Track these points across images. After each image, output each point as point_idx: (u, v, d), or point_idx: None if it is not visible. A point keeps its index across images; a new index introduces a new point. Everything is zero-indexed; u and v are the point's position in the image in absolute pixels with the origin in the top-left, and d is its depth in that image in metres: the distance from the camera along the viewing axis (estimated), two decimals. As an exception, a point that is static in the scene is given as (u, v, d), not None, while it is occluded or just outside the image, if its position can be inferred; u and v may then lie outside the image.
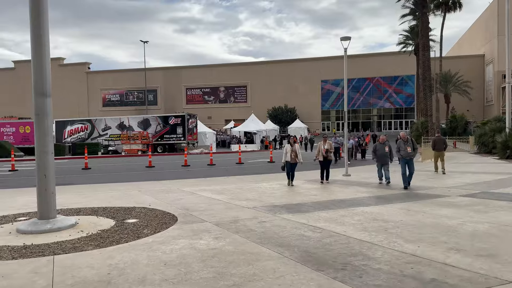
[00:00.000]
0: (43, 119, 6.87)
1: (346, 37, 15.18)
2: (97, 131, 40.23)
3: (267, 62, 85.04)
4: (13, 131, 41.43)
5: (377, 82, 78.14)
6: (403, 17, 50.51)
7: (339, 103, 79.65)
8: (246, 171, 18.45)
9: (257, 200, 9.63)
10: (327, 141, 13.16)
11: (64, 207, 8.98)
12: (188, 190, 11.58)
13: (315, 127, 77.94)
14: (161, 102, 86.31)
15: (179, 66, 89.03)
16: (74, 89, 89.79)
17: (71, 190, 12.34)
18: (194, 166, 21.27)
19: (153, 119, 39.19)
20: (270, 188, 11.80)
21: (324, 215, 7.67)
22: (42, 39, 6.79)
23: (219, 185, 12.85)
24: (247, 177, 15.25)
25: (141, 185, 13.07)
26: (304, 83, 79.65)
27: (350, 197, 9.99)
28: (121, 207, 8.81)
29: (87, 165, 20.07)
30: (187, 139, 37.81)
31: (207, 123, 62.20)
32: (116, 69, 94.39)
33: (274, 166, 20.81)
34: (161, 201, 9.57)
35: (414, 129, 46.31)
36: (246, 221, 7.20)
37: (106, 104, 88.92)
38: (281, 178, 14.04)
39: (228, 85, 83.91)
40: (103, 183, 14.07)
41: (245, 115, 67.06)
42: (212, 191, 11.21)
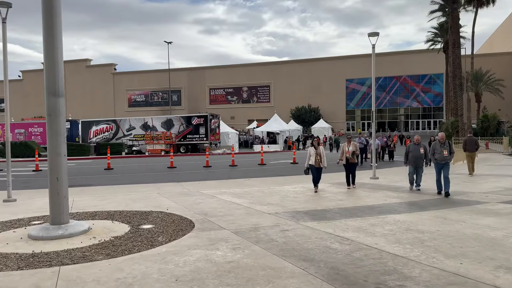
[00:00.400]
0: (56, 119, 6.58)
1: (374, 33, 14.45)
2: (122, 131, 40.60)
3: (290, 61, 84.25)
4: (41, 131, 42.29)
5: (404, 81, 76.08)
6: (432, 13, 48.74)
7: (364, 103, 78.06)
8: (268, 172, 17.96)
9: (279, 204, 9.11)
10: (352, 142, 12.18)
11: (80, 210, 8.73)
12: (208, 192, 11.18)
13: (340, 127, 76.60)
14: (185, 102, 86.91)
15: (202, 67, 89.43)
16: (101, 90, 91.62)
17: (91, 191, 12.16)
18: (216, 166, 20.94)
19: (176, 119, 39.21)
20: (293, 192, 11.25)
21: (352, 223, 7.07)
22: (54, 38, 6.50)
23: (239, 187, 12.40)
24: (269, 179, 14.75)
25: (161, 187, 12.77)
26: (328, 82, 78.41)
27: (379, 202, 9.32)
28: (137, 211, 8.47)
29: (110, 166, 20.06)
30: (209, 140, 37.61)
31: (230, 124, 62.06)
32: (141, 70, 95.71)
33: (297, 167, 20.23)
34: (179, 205, 9.19)
35: (443, 129, 44.63)
36: (267, 229, 6.69)
37: (131, 105, 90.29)
38: (304, 181, 13.46)
39: (251, 85, 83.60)
40: (123, 184, 13.88)
41: (268, 115, 66.56)
42: (233, 194, 10.76)
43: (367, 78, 77.23)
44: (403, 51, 78.05)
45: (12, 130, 43.37)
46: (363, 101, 78.49)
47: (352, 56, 80.00)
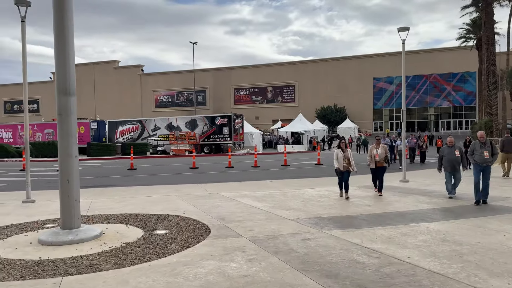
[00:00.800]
0: (66, 119, 6.31)
1: (404, 28, 13.69)
2: (147, 131, 40.94)
3: (316, 60, 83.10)
4: (70, 131, 43.22)
5: (434, 80, 73.59)
6: (464, 8, 46.74)
7: (392, 102, 76.04)
8: (291, 174, 17.41)
9: (301, 209, 8.58)
10: (381, 144, 11.01)
11: (96, 213, 8.49)
12: (228, 195, 10.77)
13: (367, 127, 74.90)
14: (210, 102, 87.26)
15: (227, 67, 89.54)
16: (128, 91, 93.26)
17: (111, 192, 11.99)
18: (238, 167, 20.56)
19: (200, 119, 39.18)
20: (317, 195, 10.69)
21: (381, 232, 6.48)
22: (65, 34, 6.24)
23: (261, 189, 11.94)
24: (292, 181, 14.21)
25: (181, 188, 12.47)
26: (355, 81, 76.80)
27: (410, 209, 8.65)
28: (154, 215, 8.15)
29: (133, 166, 20.02)
30: (233, 140, 37.35)
31: (254, 124, 61.69)
32: (168, 71, 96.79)
33: (321, 169, 19.58)
34: (197, 208, 8.82)
35: (476, 129, 42.69)
36: (287, 237, 6.20)
37: (158, 105, 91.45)
38: (329, 183, 12.86)
39: (276, 85, 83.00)
40: (144, 186, 13.68)
41: (292, 115, 65.81)
42: (253, 197, 10.30)
43: (395, 77, 75.16)
44: (433, 49, 75.66)
45: (42, 130, 44.56)
46: (391, 100, 76.44)
47: (380, 54, 78.09)
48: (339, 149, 10.41)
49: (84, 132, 42.54)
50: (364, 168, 14.81)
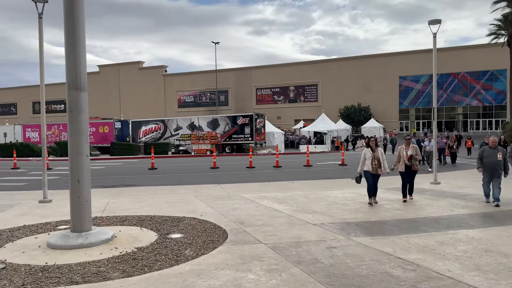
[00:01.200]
0: (77, 116, 5.99)
1: (436, 20, 12.89)
2: (169, 131, 41.01)
3: (339, 59, 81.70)
4: (93, 131, 43.83)
5: (463, 78, 71.11)
6: (495, 4, 44.74)
7: (419, 101, 74.00)
8: (314, 174, 16.81)
9: (325, 213, 8.03)
10: (411, 145, 9.83)
11: (111, 214, 8.19)
12: (247, 196, 10.31)
13: (392, 127, 73.09)
14: (232, 102, 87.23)
15: (249, 67, 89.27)
16: (152, 91, 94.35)
17: (129, 193, 11.74)
18: (259, 167, 20.09)
19: (222, 119, 38.92)
20: (342, 198, 10.09)
21: (416, 240, 5.87)
22: (75, 24, 5.91)
23: (282, 191, 11.42)
24: (315, 182, 13.63)
25: (200, 189, 12.10)
26: (380, 80, 75.10)
27: (445, 213, 7.96)
28: (170, 217, 7.77)
29: (154, 165, 19.86)
30: (254, 140, 36.91)
31: (276, 124, 61.10)
32: (191, 71, 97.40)
33: (345, 170, 18.87)
34: (215, 210, 8.40)
35: (507, 129, 40.76)
36: (310, 245, 5.68)
37: (181, 106, 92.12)
38: (354, 185, 12.18)
39: (298, 85, 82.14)
40: (163, 186, 13.39)
41: (315, 115, 64.88)
42: (274, 199, 9.81)
43: (422, 75, 73.12)
44: (461, 46, 73.10)
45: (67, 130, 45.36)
46: (417, 99, 74.37)
47: (406, 52, 76.14)
48: (368, 148, 9.30)
49: (108, 132, 43.05)
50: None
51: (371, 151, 9.20)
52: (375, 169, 9.11)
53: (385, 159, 9.28)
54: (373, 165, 9.08)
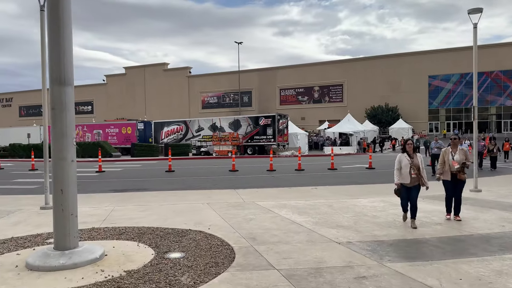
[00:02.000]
0: (60, 115, 5.15)
1: (477, 9, 11.54)
2: (191, 132, 40.52)
3: (366, 58, 79.46)
4: (117, 132, 43.92)
5: (496, 77, 67.74)
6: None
7: (450, 101, 71.08)
8: (339, 179, 15.63)
9: (352, 228, 6.93)
10: (459, 148, 7.84)
11: (111, 225, 7.37)
12: (264, 204, 9.32)
13: (421, 128, 70.46)
14: (256, 103, 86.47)
15: (273, 67, 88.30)
16: (177, 93, 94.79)
17: (138, 198, 10.97)
18: (280, 171, 19.05)
19: (244, 120, 38.06)
20: (371, 207, 8.94)
21: (465, 268, 4.72)
22: (59, 10, 5.08)
23: (303, 198, 10.36)
24: (340, 188, 12.48)
25: (214, 195, 11.19)
26: (408, 79, 72.56)
27: (495, 230, 6.71)
28: (174, 229, 6.87)
29: (171, 168, 19.15)
30: (277, 141, 35.85)
31: (300, 125, 59.80)
32: (214, 72, 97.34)
33: (373, 174, 17.57)
34: (226, 222, 7.45)
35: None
36: (334, 272, 4.62)
37: (204, 107, 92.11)
38: (384, 191, 11.01)
39: (323, 85, 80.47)
40: (176, 190, 12.58)
41: (340, 116, 63.21)
42: (293, 209, 8.77)
43: (452, 74, 70.18)
44: (495, 44, 69.69)
45: (91, 131, 45.64)
46: (448, 99, 71.41)
47: (436, 50, 73.35)
48: (403, 153, 7.26)
49: (131, 133, 43.01)
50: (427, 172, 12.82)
51: (408, 156, 7.14)
52: (414, 180, 7.08)
53: (424, 167, 7.32)
54: (411, 174, 7.04)
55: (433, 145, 17.41)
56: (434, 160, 17.04)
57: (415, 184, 7.10)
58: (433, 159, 16.95)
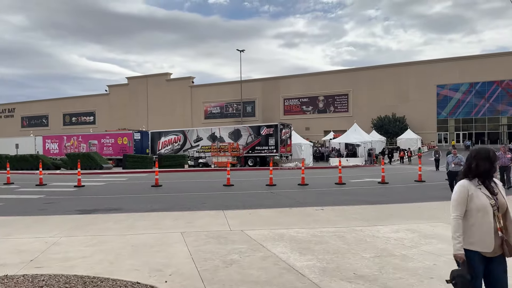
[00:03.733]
0: None
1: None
2: (189, 142, 38.46)
3: (371, 67, 77.52)
4: (112, 142, 42.00)
5: (507, 86, 65.40)
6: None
7: (459, 111, 68.78)
8: (349, 196, 13.40)
9: (376, 279, 4.72)
10: None
11: (33, 271, 5.22)
12: (255, 235, 7.14)
13: (430, 138, 68.11)
14: (259, 113, 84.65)
15: (277, 77, 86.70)
16: (179, 103, 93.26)
17: (99, 223, 8.82)
18: (281, 185, 16.86)
19: (244, 129, 35.96)
20: (397, 241, 6.72)
21: None
22: None
23: (307, 224, 8.17)
24: (351, 210, 10.26)
25: (196, 219, 9.02)
26: (416, 89, 70.45)
27: None
28: (115, 282, 4.70)
29: (158, 182, 17.00)
30: (279, 152, 33.67)
31: (304, 135, 57.67)
32: (217, 82, 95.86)
33: (388, 190, 15.32)
34: (196, 266, 5.28)
35: None
36: None
37: (207, 117, 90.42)
38: (408, 215, 8.81)
39: (328, 94, 78.51)
40: (153, 211, 10.43)
41: (346, 126, 61.08)
42: (292, 242, 6.58)
43: (461, 84, 67.97)
44: (504, 52, 67.56)
45: (86, 141, 43.75)
46: (457, 109, 69.10)
47: (443, 59, 71.28)
48: (472, 180, 3.21)
49: (127, 144, 41.06)
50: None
51: (487, 189, 3.16)
52: (498, 245, 3.09)
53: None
54: (497, 232, 3.09)
55: (451, 159, 13.18)
56: (502, 173, 14.35)
57: (500, 253, 3.13)
58: (451, 178, 12.91)
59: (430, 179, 19.28)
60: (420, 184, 17.61)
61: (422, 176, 18.62)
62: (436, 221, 8.45)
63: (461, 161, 12.50)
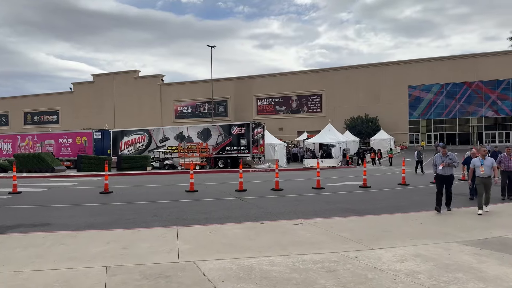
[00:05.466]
0: None
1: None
2: (155, 142, 35.79)
3: (345, 67, 76.90)
4: (70, 142, 38.74)
5: (477, 87, 66.09)
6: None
7: (430, 112, 69.00)
8: (331, 205, 11.48)
9: None
10: None
11: None
12: (212, 269, 5.03)
13: (401, 139, 67.92)
14: (231, 113, 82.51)
15: (249, 76, 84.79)
16: (148, 102, 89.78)
17: (6, 247, 6.46)
18: (253, 190, 14.80)
19: (214, 129, 33.69)
20: (413, 280, 4.78)
21: None
22: None
23: (284, 247, 6.14)
24: (338, 223, 8.30)
25: (139, 240, 6.80)
26: (388, 90, 70.24)
27: None
28: None
29: (107, 188, 14.53)
30: (252, 152, 31.61)
31: (277, 135, 55.96)
32: (188, 81, 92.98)
33: (371, 195, 13.52)
34: None
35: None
36: None
37: (178, 116, 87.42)
38: (409, 231, 6.92)
39: (301, 94, 77.31)
40: (85, 229, 8.12)
41: (319, 126, 59.90)
42: (263, 281, 4.51)
43: (433, 85, 68.22)
44: (474, 54, 68.30)
45: (42, 141, 40.24)
46: (429, 110, 69.32)
47: (415, 60, 71.49)
48: None
49: (86, 144, 37.92)
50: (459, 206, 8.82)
51: None
52: None
53: None
54: None
55: (439, 160, 10.14)
56: (505, 179, 12.20)
57: None
58: (441, 183, 10.09)
59: (414, 182, 17.73)
60: (404, 188, 15.99)
61: (406, 179, 17.05)
62: (446, 239, 6.63)
63: (453, 161, 9.85)
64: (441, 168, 9.91)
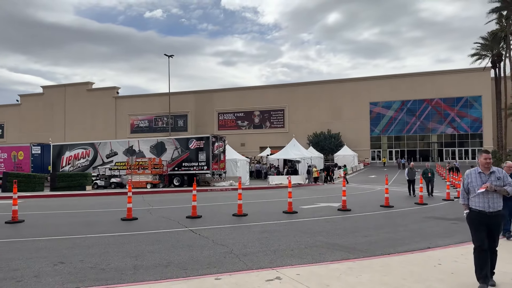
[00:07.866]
0: None
1: None
2: (101, 157, 31.83)
3: (307, 83, 76.09)
4: (5, 157, 33.91)
5: (437, 105, 66.94)
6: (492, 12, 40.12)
7: (391, 129, 69.05)
8: (309, 236, 8.71)
9: None
10: None
11: None
12: None
13: (364, 155, 67.24)
14: (192, 128, 79.07)
15: (211, 90, 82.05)
16: (102, 115, 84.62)
17: None
18: (210, 216, 11.81)
19: (170, 142, 30.34)
20: None
21: None
22: None
23: None
24: (331, 276, 5.54)
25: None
26: (350, 106, 69.82)
27: None
28: None
29: (17, 217, 10.88)
30: (211, 169, 28.52)
31: (240, 151, 53.25)
32: (145, 94, 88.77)
33: (355, 221, 10.87)
34: None
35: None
36: None
37: (134, 131, 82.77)
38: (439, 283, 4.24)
39: (264, 109, 75.40)
40: None
41: (282, 142, 57.83)
42: None
43: (393, 101, 68.51)
44: (435, 71, 69.55)
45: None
46: (390, 126, 69.38)
47: (376, 77, 71.83)
48: None
49: (23, 159, 33.30)
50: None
51: None
52: None
53: None
54: None
55: (479, 181, 6.40)
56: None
57: None
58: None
59: (397, 204, 15.40)
60: (390, 210, 13.58)
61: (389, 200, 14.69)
62: None
63: (504, 183, 5.17)
64: (481, 195, 5.12)
